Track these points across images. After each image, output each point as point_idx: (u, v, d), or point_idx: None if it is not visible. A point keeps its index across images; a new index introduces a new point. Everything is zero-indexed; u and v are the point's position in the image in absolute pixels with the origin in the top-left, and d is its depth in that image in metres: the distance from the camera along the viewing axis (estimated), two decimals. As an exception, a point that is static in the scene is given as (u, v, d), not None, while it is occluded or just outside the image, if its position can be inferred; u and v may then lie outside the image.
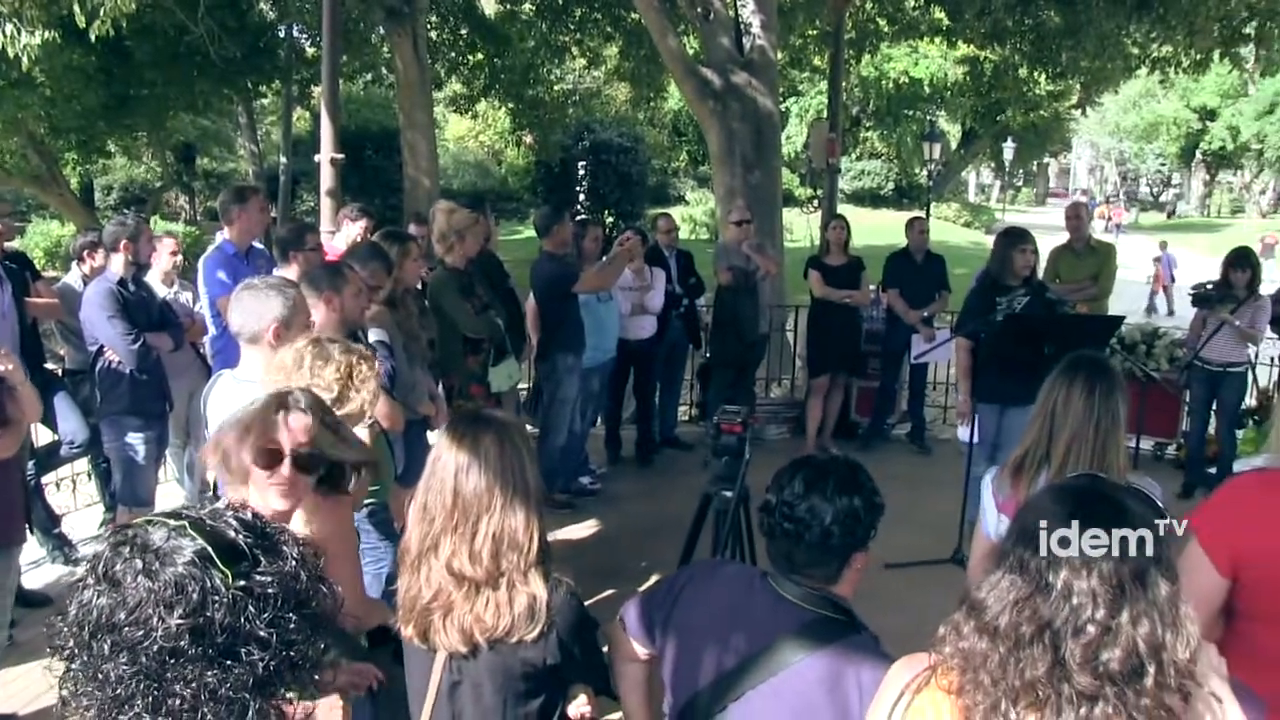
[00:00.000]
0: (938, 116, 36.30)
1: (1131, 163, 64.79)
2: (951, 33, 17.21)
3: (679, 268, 8.49)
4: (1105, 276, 8.24)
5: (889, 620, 4.82)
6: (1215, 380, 7.75)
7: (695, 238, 27.34)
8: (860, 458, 8.04)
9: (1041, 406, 3.01)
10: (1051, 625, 1.48)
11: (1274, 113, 44.70)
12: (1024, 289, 6.28)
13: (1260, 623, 2.28)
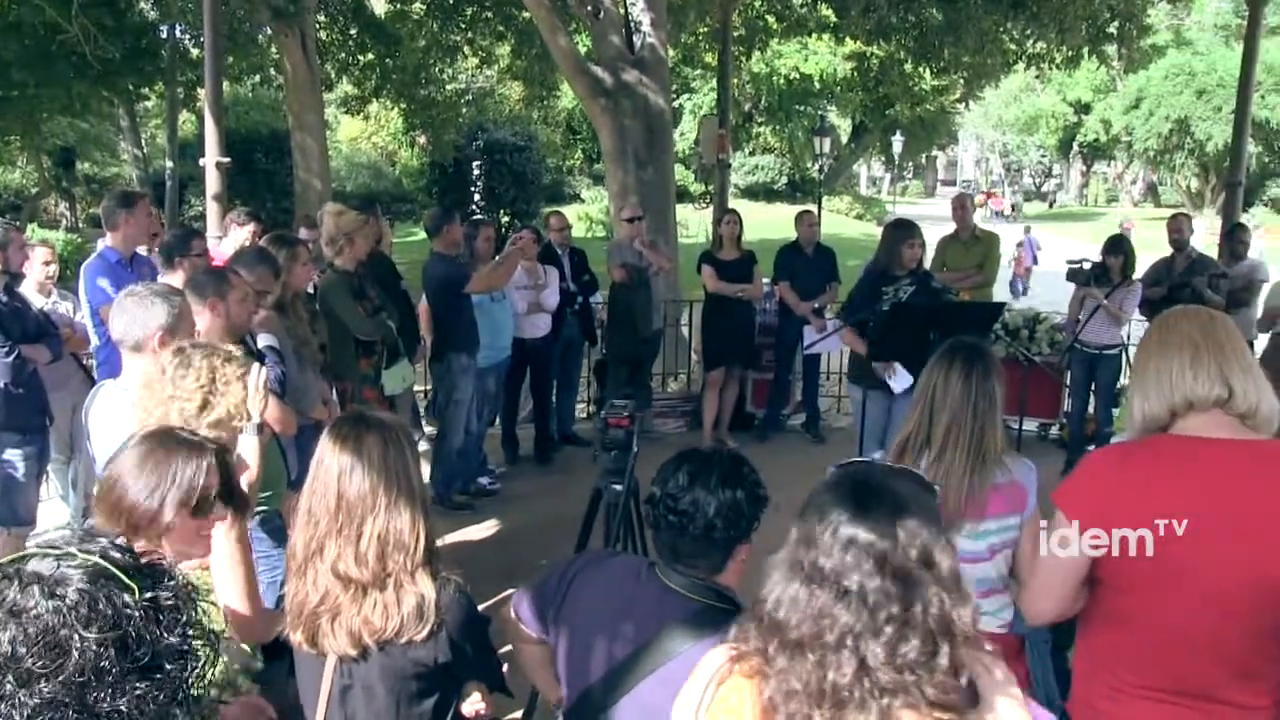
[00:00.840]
0: (828, 111, 36.83)
1: (1015, 154, 66.69)
2: (838, 29, 17.54)
3: (573, 265, 8.51)
4: (990, 265, 8.49)
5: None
6: (1093, 362, 8.07)
7: (591, 235, 27.36)
8: (757, 449, 8.23)
9: (921, 392, 3.09)
10: (853, 630, 1.51)
11: (1140, 107, 46.31)
12: (910, 278, 6.45)
13: (1119, 589, 2.38)
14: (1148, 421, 2.40)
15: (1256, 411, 2.31)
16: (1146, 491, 2.31)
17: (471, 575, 2.61)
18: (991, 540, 3.00)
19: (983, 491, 2.95)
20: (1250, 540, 2.21)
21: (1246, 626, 2.27)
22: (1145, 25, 17.07)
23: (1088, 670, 2.52)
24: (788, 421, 9.47)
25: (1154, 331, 2.49)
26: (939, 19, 14.89)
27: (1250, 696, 2.30)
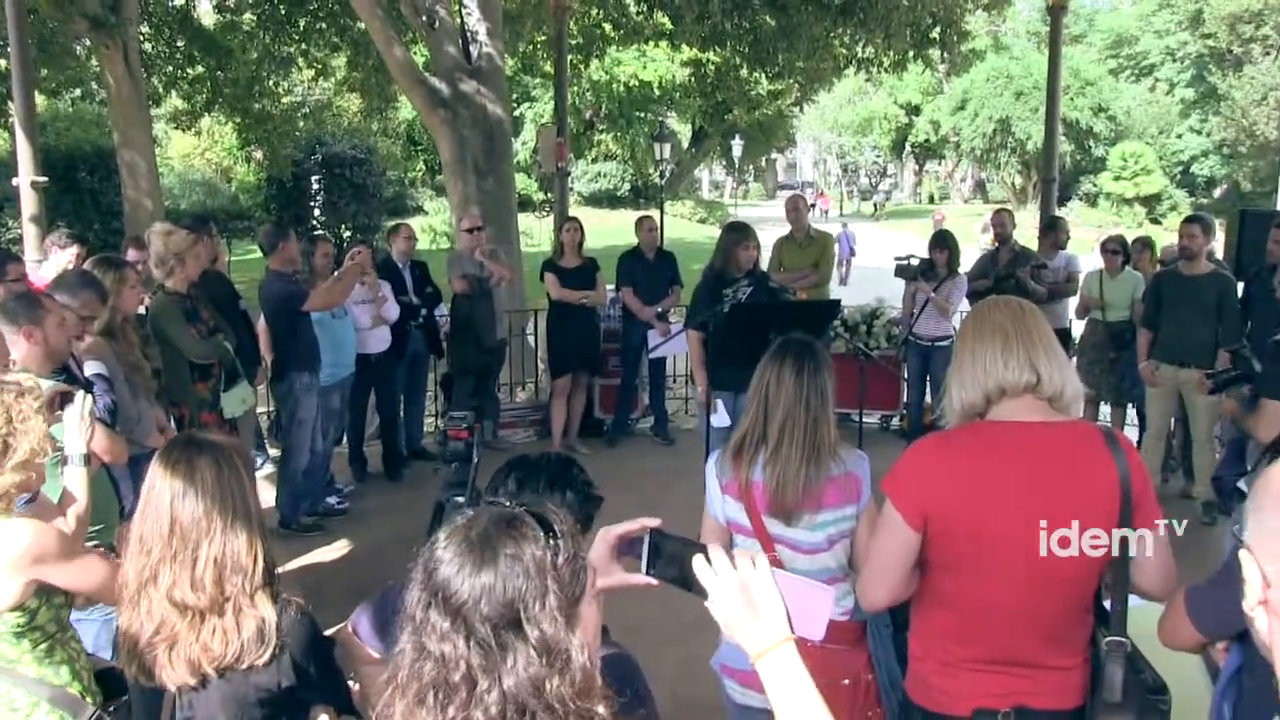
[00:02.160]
0: (668, 117, 37.26)
1: (851, 155, 68.62)
2: (674, 36, 17.75)
3: (414, 278, 8.44)
4: (824, 264, 8.73)
5: (638, 610, 4.98)
6: (927, 353, 8.40)
7: (436, 247, 27.07)
8: (607, 454, 8.29)
9: (755, 390, 3.15)
10: (436, 687, 1.45)
11: (965, 108, 48.46)
12: (748, 280, 6.61)
13: (945, 570, 2.53)
14: (966, 408, 2.54)
15: (1063, 394, 2.49)
16: (966, 475, 2.46)
17: (323, 597, 2.59)
18: (829, 531, 3.09)
19: (818, 484, 3.03)
20: (1061, 516, 2.39)
21: (1059, 597, 2.47)
22: (964, 31, 17.76)
23: (920, 648, 2.65)
24: (636, 426, 9.57)
25: (969, 323, 2.64)
26: (772, 25, 15.24)
27: (1063, 659, 2.51)
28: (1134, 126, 47.61)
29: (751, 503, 3.09)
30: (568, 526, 1.56)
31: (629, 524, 1.84)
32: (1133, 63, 53.01)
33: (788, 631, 1.60)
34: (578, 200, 41.76)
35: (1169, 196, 45.25)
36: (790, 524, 3.06)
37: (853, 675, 3.11)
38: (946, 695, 2.55)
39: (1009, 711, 2.49)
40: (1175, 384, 7.25)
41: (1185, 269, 7.28)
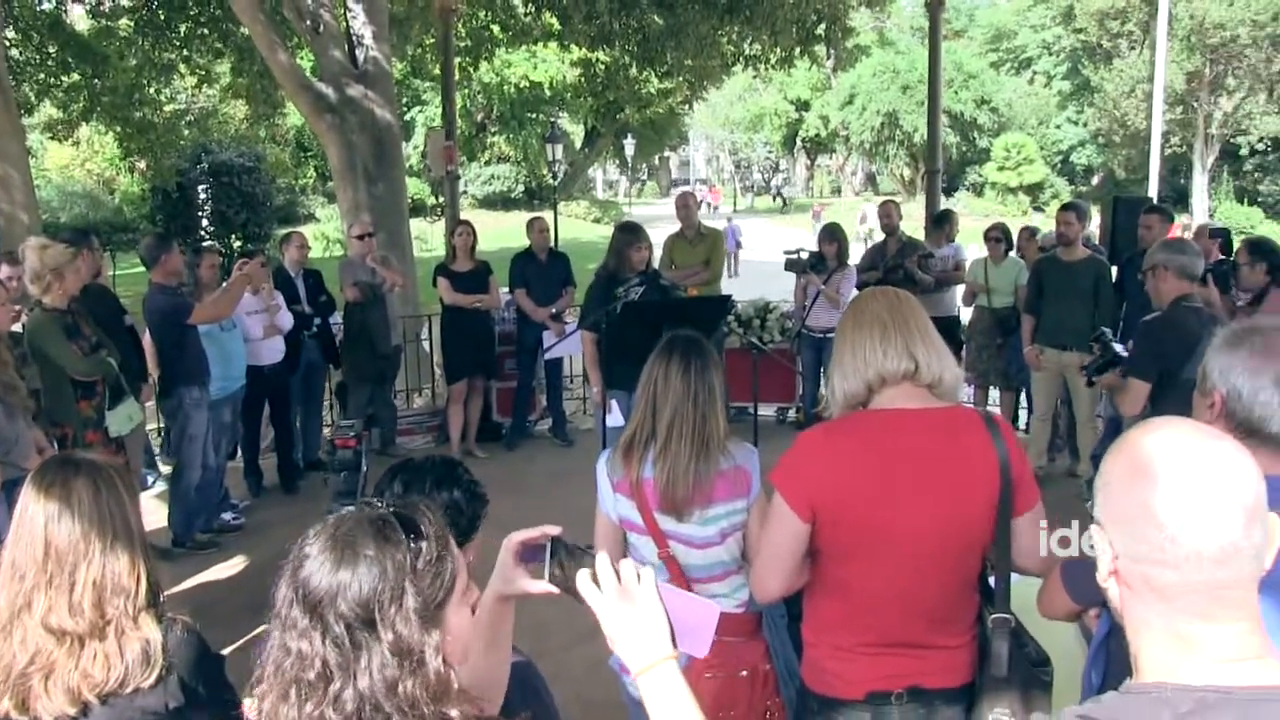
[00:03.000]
0: (560, 118, 37.25)
1: (743, 152, 69.28)
2: (563, 37, 17.76)
3: (308, 287, 8.32)
4: (715, 260, 8.80)
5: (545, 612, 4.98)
6: (819, 345, 8.53)
7: (328, 254, 26.65)
8: (506, 457, 8.26)
9: (643, 388, 3.18)
10: (296, 683, 1.46)
11: (853, 103, 49.35)
12: (639, 279, 6.65)
13: (835, 558, 2.58)
14: (848, 398, 2.60)
15: (942, 380, 2.57)
16: (851, 464, 2.51)
17: (219, 614, 2.53)
18: (721, 525, 3.11)
19: (708, 479, 3.06)
20: (944, 500, 2.47)
21: (945, 579, 2.55)
22: (849, 27, 18.08)
23: (813, 635, 2.70)
24: (534, 428, 9.55)
25: (849, 314, 2.70)
26: (660, 24, 15.32)
27: (951, 638, 2.58)
28: (1015, 118, 48.96)
29: (643, 500, 3.11)
30: (435, 530, 1.56)
31: (531, 531, 1.84)
32: (1012, 56, 54.47)
33: (669, 649, 1.61)
34: (471, 203, 41.52)
35: (1051, 185, 46.64)
36: (682, 519, 3.09)
37: (750, 666, 3.13)
38: (841, 680, 2.60)
39: (902, 692, 2.55)
40: (1059, 367, 7.48)
41: (1063, 255, 7.51)
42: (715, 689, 3.06)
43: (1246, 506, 1.30)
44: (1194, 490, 1.29)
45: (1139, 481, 1.31)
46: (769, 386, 9.04)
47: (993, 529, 2.53)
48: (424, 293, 11.06)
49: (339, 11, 11.51)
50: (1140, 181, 31.95)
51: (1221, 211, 39.80)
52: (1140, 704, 1.28)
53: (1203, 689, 1.26)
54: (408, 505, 1.60)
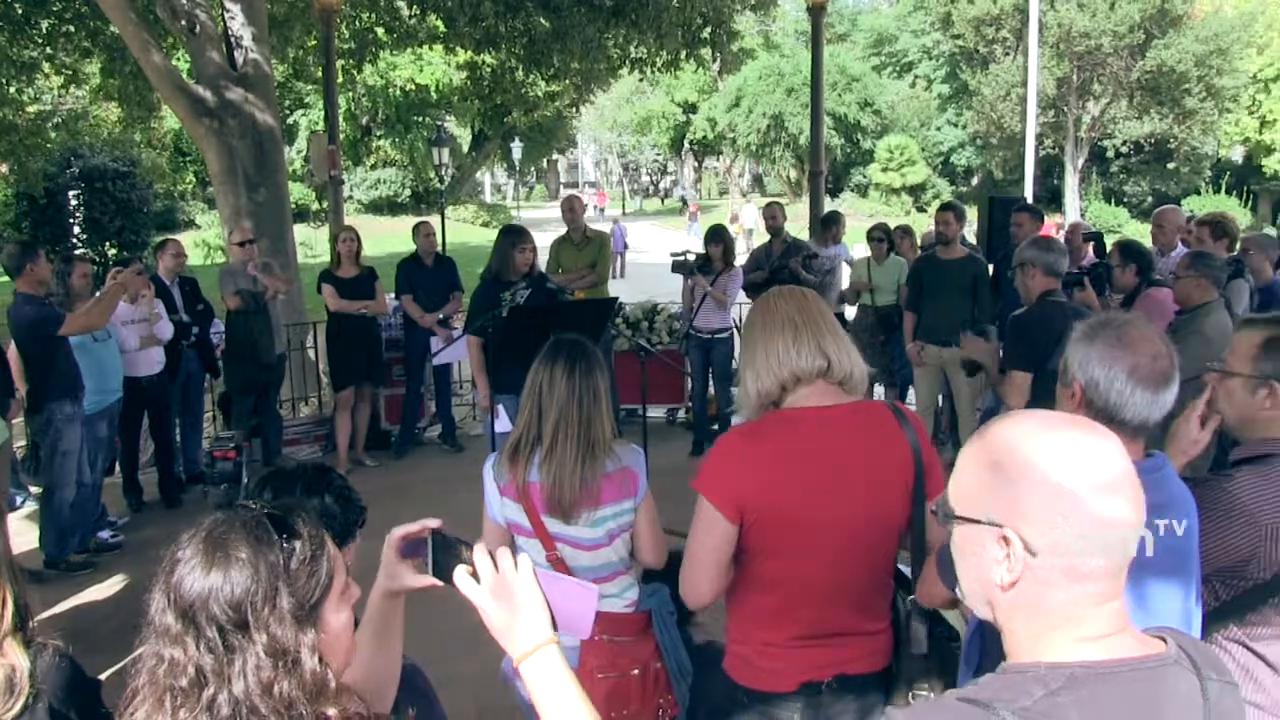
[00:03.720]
0: (447, 121, 36.92)
1: (631, 154, 69.56)
2: (449, 39, 17.57)
3: (185, 295, 8.10)
4: (602, 263, 8.82)
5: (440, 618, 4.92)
6: (707, 346, 8.61)
7: (210, 262, 26.07)
8: (396, 465, 8.16)
9: (528, 392, 3.19)
10: (169, 690, 1.45)
11: (739, 105, 49.87)
12: (525, 282, 6.64)
13: (763, 555, 2.62)
14: (762, 397, 2.65)
15: (852, 376, 2.64)
16: (773, 463, 2.56)
17: (96, 637, 2.44)
18: (609, 526, 3.13)
19: (595, 481, 3.08)
20: (863, 493, 2.55)
21: (866, 568, 2.63)
22: (734, 31, 18.22)
23: (740, 632, 2.74)
24: (424, 435, 9.46)
25: (757, 315, 2.72)
26: (546, 27, 15.29)
27: (872, 624, 2.67)
28: (898, 120, 49.99)
29: (530, 503, 3.12)
30: (310, 530, 1.54)
31: (411, 525, 1.84)
32: (894, 60, 55.58)
33: (549, 634, 1.62)
34: (357, 208, 40.93)
35: (933, 186, 47.71)
36: (569, 522, 3.11)
37: (642, 665, 3.17)
38: (772, 673, 2.64)
39: (831, 681, 2.61)
40: (939, 362, 7.66)
41: (942, 253, 7.71)
42: (607, 689, 3.09)
43: (1139, 488, 1.38)
44: (1114, 478, 1.36)
45: (1062, 479, 1.34)
46: (658, 388, 9.10)
47: (909, 516, 2.62)
48: (309, 300, 10.88)
49: (216, 12, 11.24)
50: (1017, 182, 32.92)
51: (1091, 211, 41.29)
52: (1016, 683, 1.32)
53: (1073, 665, 1.32)
54: (282, 506, 1.58)
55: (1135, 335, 2.26)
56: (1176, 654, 1.39)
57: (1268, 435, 2.65)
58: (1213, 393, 2.77)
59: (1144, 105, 41.48)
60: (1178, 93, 40.63)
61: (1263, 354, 2.65)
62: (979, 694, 1.32)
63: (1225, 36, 40.05)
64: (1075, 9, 40.15)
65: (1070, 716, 1.27)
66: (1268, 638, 2.57)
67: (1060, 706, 1.28)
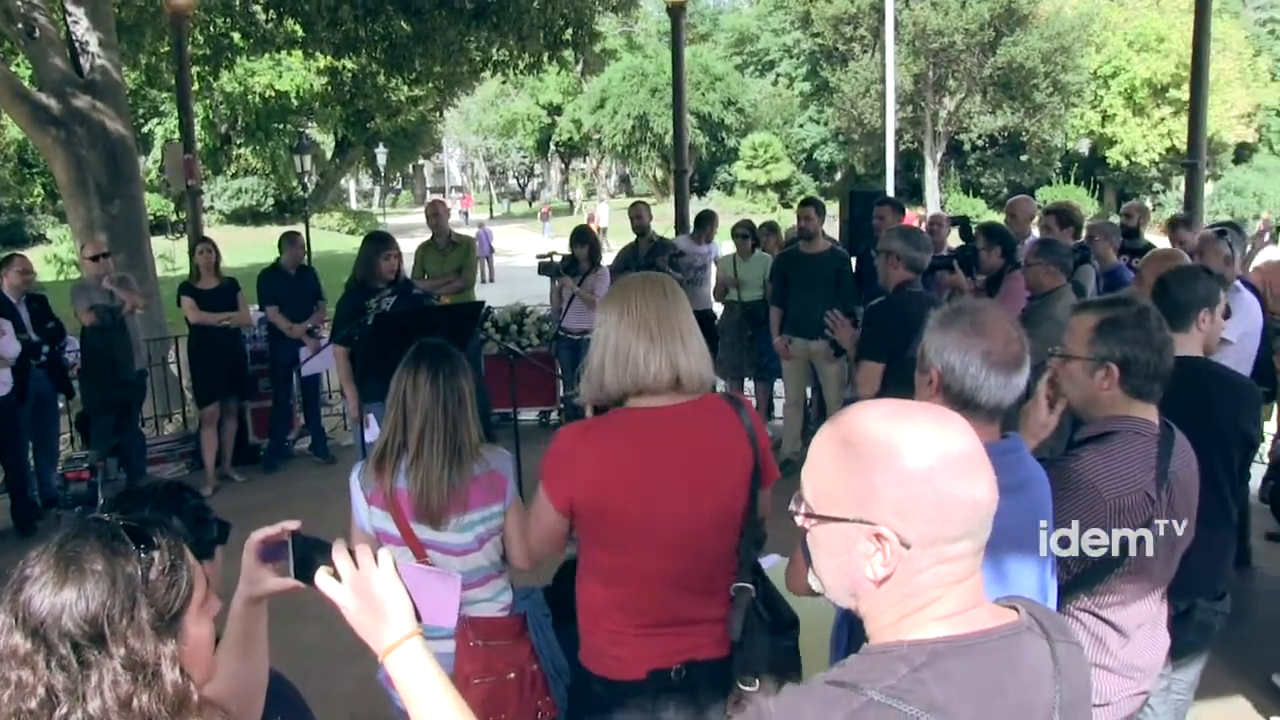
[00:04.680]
0: (308, 128, 36.19)
1: (498, 158, 69.24)
2: (307, 44, 17.22)
3: (32, 313, 7.78)
4: (468, 269, 8.77)
5: (312, 631, 4.85)
6: (577, 346, 8.61)
7: (64, 277, 25.11)
8: (267, 480, 7.99)
9: (392, 398, 3.17)
10: (19, 715, 1.38)
11: (605, 107, 50.10)
12: (390, 289, 6.58)
13: (604, 548, 2.68)
14: (605, 395, 2.68)
15: (694, 380, 2.67)
16: (609, 460, 2.60)
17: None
18: (478, 530, 3.14)
19: (463, 486, 3.08)
20: (705, 485, 2.61)
21: (709, 556, 2.68)
22: (596, 32, 18.23)
23: (590, 622, 2.78)
24: (294, 447, 9.28)
25: (614, 307, 2.71)
26: (407, 30, 15.08)
27: (711, 610, 2.70)
28: (761, 118, 50.83)
29: (398, 511, 3.10)
30: (168, 540, 1.51)
31: (270, 529, 1.83)
32: (756, 59, 56.44)
33: (411, 626, 1.63)
34: (219, 218, 39.92)
35: (797, 182, 48.66)
36: (438, 528, 3.10)
37: (518, 668, 3.17)
38: (621, 662, 2.68)
39: (679, 667, 2.66)
40: (806, 355, 7.81)
41: (805, 248, 7.86)
42: (484, 694, 3.09)
43: (991, 467, 1.42)
44: (971, 461, 1.39)
45: (926, 468, 1.36)
46: (529, 391, 9.10)
47: (748, 503, 2.67)
48: (170, 314, 10.56)
49: (57, 16, 10.82)
50: (879, 176, 33.76)
51: (951, 202, 42.66)
52: (881, 662, 1.35)
53: (934, 641, 1.36)
54: (138, 518, 1.54)
55: (988, 322, 2.33)
56: (1028, 621, 1.45)
57: (1108, 414, 2.78)
58: (1056, 375, 2.88)
59: (996, 100, 43.10)
60: (1027, 88, 42.35)
61: (1097, 337, 2.76)
62: (845, 675, 1.35)
63: (1067, 35, 41.98)
64: (929, 8, 41.53)
65: (934, 690, 1.31)
66: (1114, 605, 2.70)
67: (924, 682, 1.31)
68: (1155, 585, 2.79)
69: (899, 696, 1.30)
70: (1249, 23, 48.29)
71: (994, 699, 1.35)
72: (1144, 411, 2.78)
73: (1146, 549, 2.62)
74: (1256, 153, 45.46)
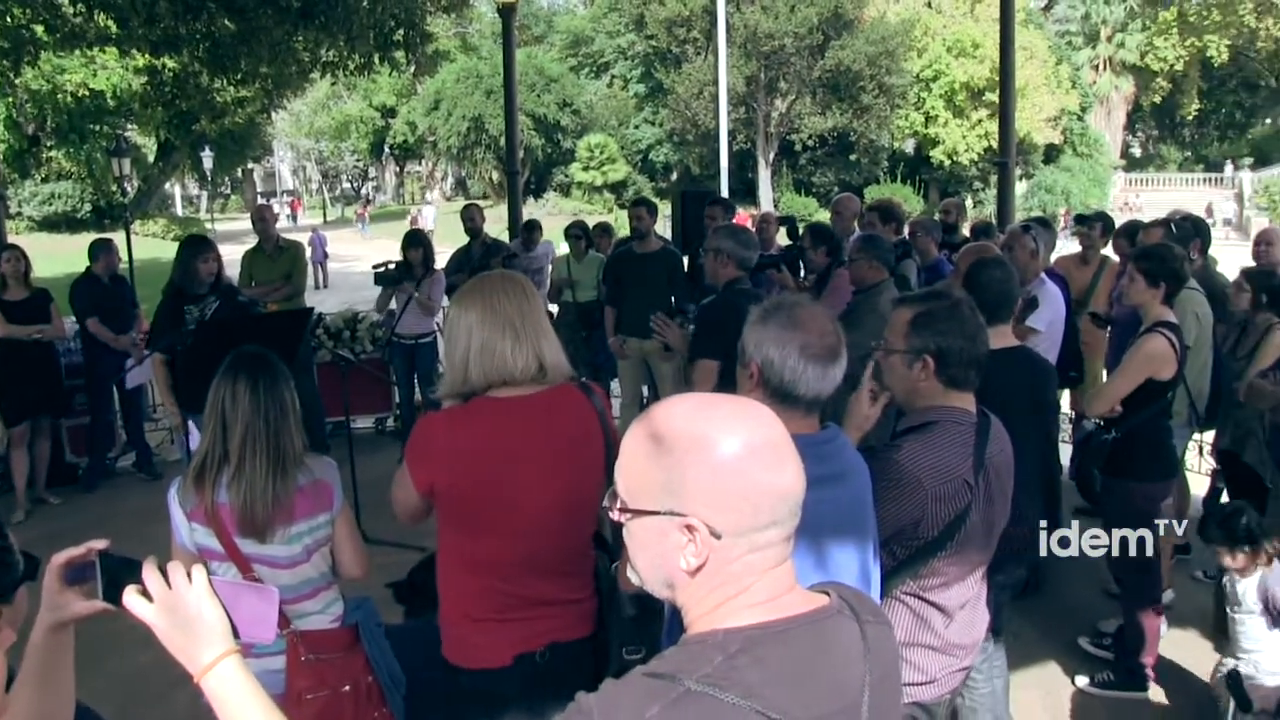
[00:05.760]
0: (128, 130, 34.77)
1: (331, 161, 67.86)
2: (122, 41, 16.48)
3: None
4: (297, 274, 8.54)
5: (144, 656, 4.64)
6: (411, 351, 8.50)
7: None
8: (85, 501, 7.64)
9: (211, 409, 3.08)
10: None
11: (439, 109, 49.73)
12: (213, 295, 6.35)
13: (465, 535, 2.70)
14: (468, 387, 2.68)
15: (558, 369, 2.73)
16: (471, 448, 2.63)
17: None
18: (305, 541, 3.09)
19: (288, 496, 3.03)
20: (563, 470, 2.66)
21: (569, 540, 2.75)
22: (428, 33, 17.96)
23: (452, 611, 2.79)
24: (116, 465, 8.87)
25: (476, 302, 2.71)
26: (231, 29, 14.55)
27: (574, 593, 2.78)
28: (597, 119, 51.17)
29: (221, 525, 3.03)
30: None
31: (75, 550, 1.74)
32: (590, 61, 56.73)
33: (227, 644, 1.59)
34: (29, 225, 38.01)
35: (633, 183, 49.13)
36: (264, 541, 3.04)
37: (352, 681, 3.14)
38: (485, 649, 2.70)
39: (544, 650, 2.69)
40: (642, 353, 7.87)
41: (638, 248, 7.92)
42: (318, 709, 3.07)
43: (798, 455, 1.44)
44: (778, 450, 1.41)
45: (733, 458, 1.38)
46: (364, 398, 8.94)
47: (604, 485, 2.68)
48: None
49: None
50: (713, 177, 34.25)
51: (784, 201, 43.76)
52: (697, 652, 1.37)
53: (749, 628, 1.38)
54: None
55: (804, 316, 2.38)
56: (839, 604, 1.49)
57: (928, 404, 2.89)
58: (877, 369, 2.98)
59: (826, 102, 44.40)
60: (854, 90, 43.80)
61: (912, 330, 2.86)
62: (663, 667, 1.36)
63: (891, 40, 43.69)
64: (759, 11, 42.50)
65: (749, 676, 1.33)
66: (937, 587, 2.82)
67: (739, 669, 1.33)
68: (975, 566, 2.92)
69: (715, 684, 1.31)
70: (1050, 34, 51.00)
71: (807, 681, 1.38)
72: (962, 401, 2.89)
73: (966, 533, 2.74)
74: (1063, 153, 47.99)
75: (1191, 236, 6.47)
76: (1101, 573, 5.61)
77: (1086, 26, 52.65)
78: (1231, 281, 6.05)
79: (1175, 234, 6.40)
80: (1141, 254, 4.84)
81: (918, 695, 2.87)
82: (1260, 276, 5.71)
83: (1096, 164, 48.52)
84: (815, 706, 1.37)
